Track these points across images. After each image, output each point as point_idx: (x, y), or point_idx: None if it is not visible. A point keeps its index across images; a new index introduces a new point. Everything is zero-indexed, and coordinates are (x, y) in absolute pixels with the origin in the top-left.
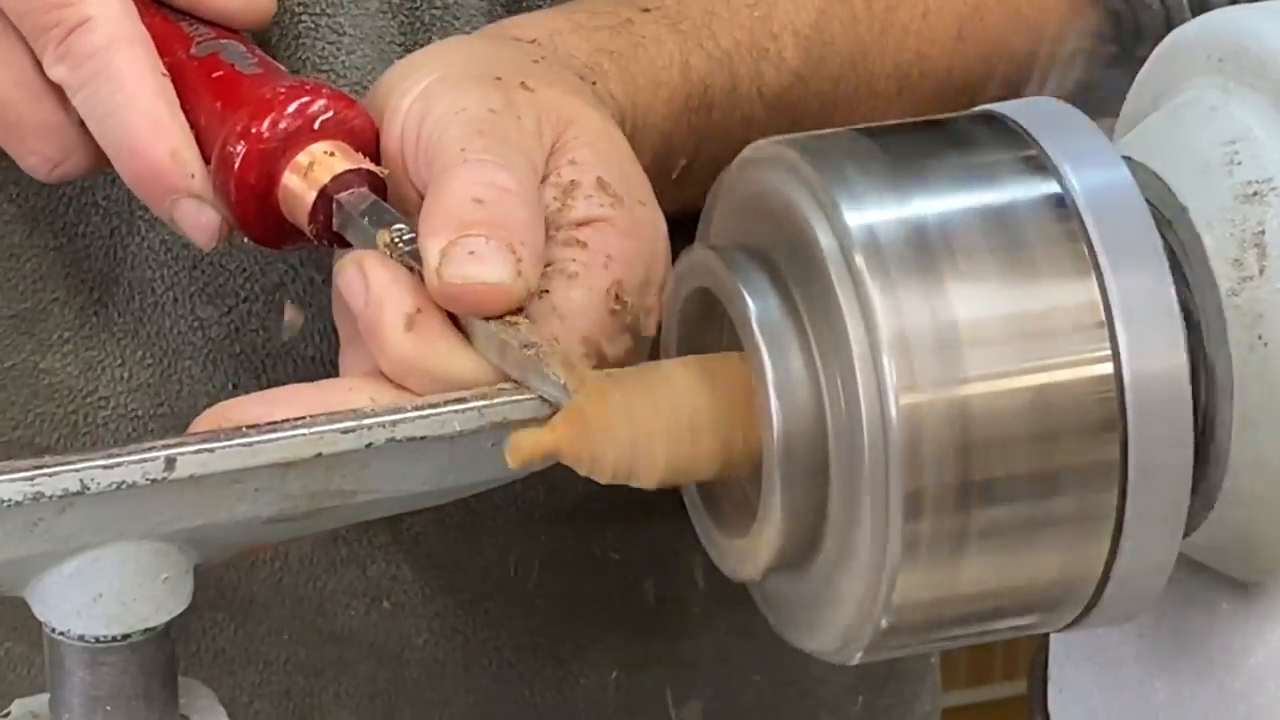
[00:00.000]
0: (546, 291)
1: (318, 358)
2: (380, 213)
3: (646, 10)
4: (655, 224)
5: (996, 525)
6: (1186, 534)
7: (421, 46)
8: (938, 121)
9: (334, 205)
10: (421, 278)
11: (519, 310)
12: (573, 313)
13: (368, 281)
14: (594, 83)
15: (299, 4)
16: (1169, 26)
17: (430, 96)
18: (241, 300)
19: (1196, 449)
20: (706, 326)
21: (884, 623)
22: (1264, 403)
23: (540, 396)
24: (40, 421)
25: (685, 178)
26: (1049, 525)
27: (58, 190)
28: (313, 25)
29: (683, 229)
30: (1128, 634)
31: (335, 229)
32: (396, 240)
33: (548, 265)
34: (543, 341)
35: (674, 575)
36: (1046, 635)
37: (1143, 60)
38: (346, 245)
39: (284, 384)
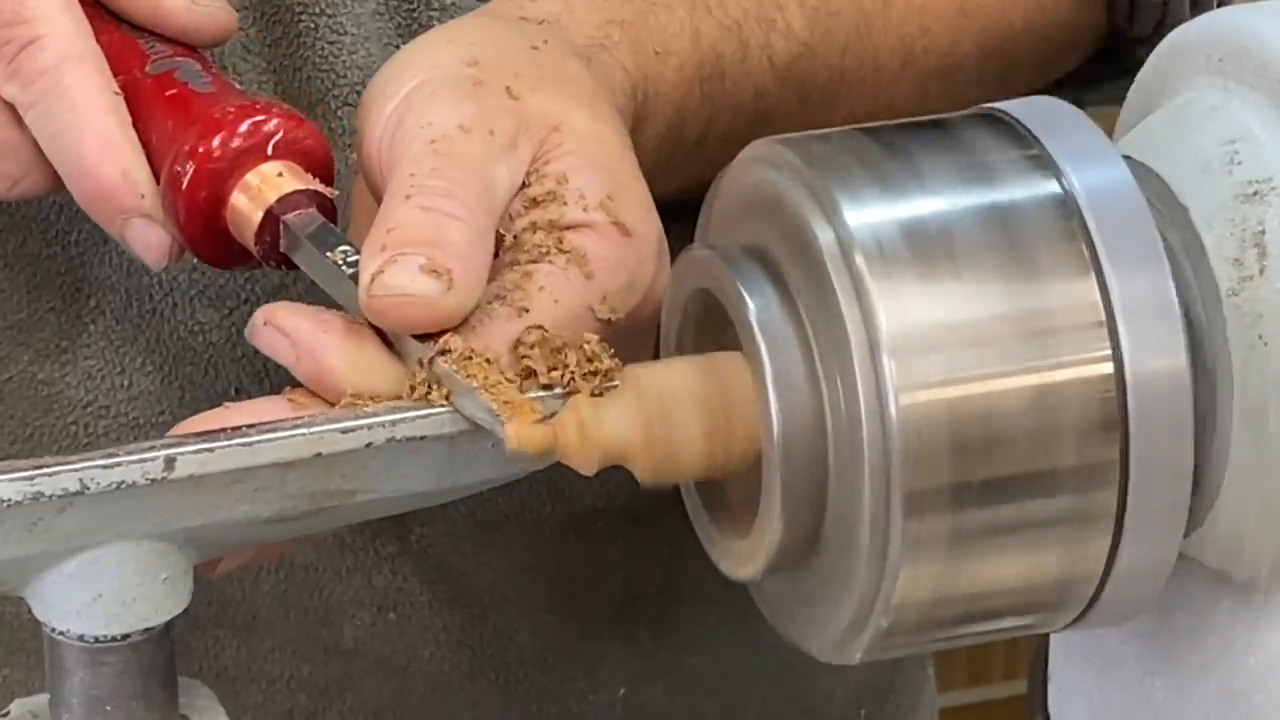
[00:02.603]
0: (509, 302)
1: None
2: (326, 235)
3: None
4: (644, 227)
5: (996, 525)
6: (1186, 534)
7: None
8: (938, 120)
9: (281, 226)
10: (339, 311)
11: (459, 328)
12: (549, 318)
13: (290, 336)
14: (604, 59)
15: (298, 4)
16: (1165, 6)
17: (408, 104)
18: (242, 302)
19: (1196, 449)
20: (706, 326)
21: (884, 622)
22: (1264, 403)
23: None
24: (40, 434)
25: (700, 148)
26: (1049, 525)
27: (48, 198)
28: (312, 25)
29: (671, 219)
30: (1128, 634)
31: (282, 250)
32: (341, 263)
33: (527, 267)
34: (474, 362)
35: (680, 589)
36: (1046, 635)
37: (1136, 40)
38: (293, 267)
39: (287, 386)
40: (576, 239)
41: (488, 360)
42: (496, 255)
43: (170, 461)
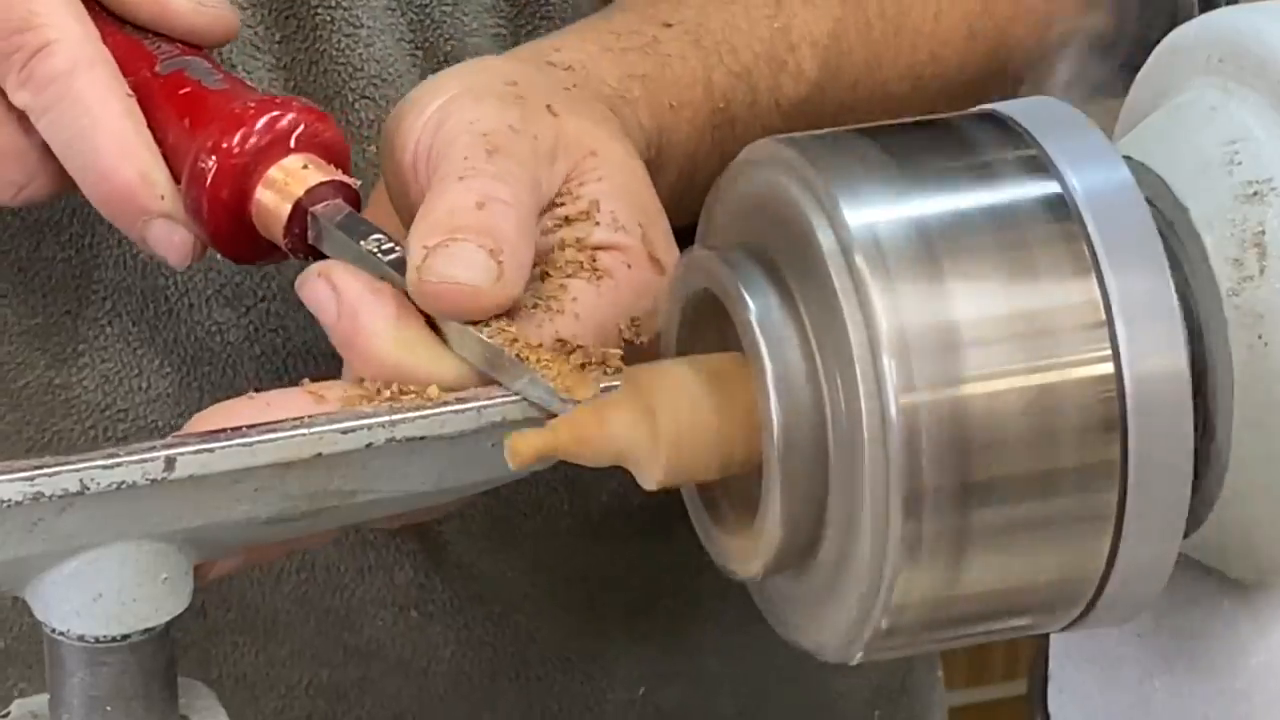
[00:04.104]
0: (541, 307)
1: (338, 354)
2: (356, 224)
3: (669, 25)
4: (669, 257)
5: (996, 525)
6: (1186, 534)
7: (431, 43)
8: (938, 121)
9: (309, 218)
10: (395, 287)
11: (502, 316)
12: (580, 329)
13: (339, 293)
14: (623, 111)
15: None
16: (1175, 7)
17: (449, 108)
18: (259, 300)
19: (1196, 449)
20: (706, 326)
21: (884, 623)
22: (1264, 403)
23: (528, 401)
24: (58, 440)
25: (707, 189)
26: (1049, 525)
27: (62, 200)
28: (329, 19)
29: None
30: (1128, 634)
31: (310, 242)
32: (375, 251)
33: (558, 282)
34: (527, 347)
35: (697, 589)
36: (1046, 635)
37: (1147, 43)
38: (322, 258)
39: (306, 380)
40: (609, 260)
41: (536, 348)
42: None
43: (170, 461)
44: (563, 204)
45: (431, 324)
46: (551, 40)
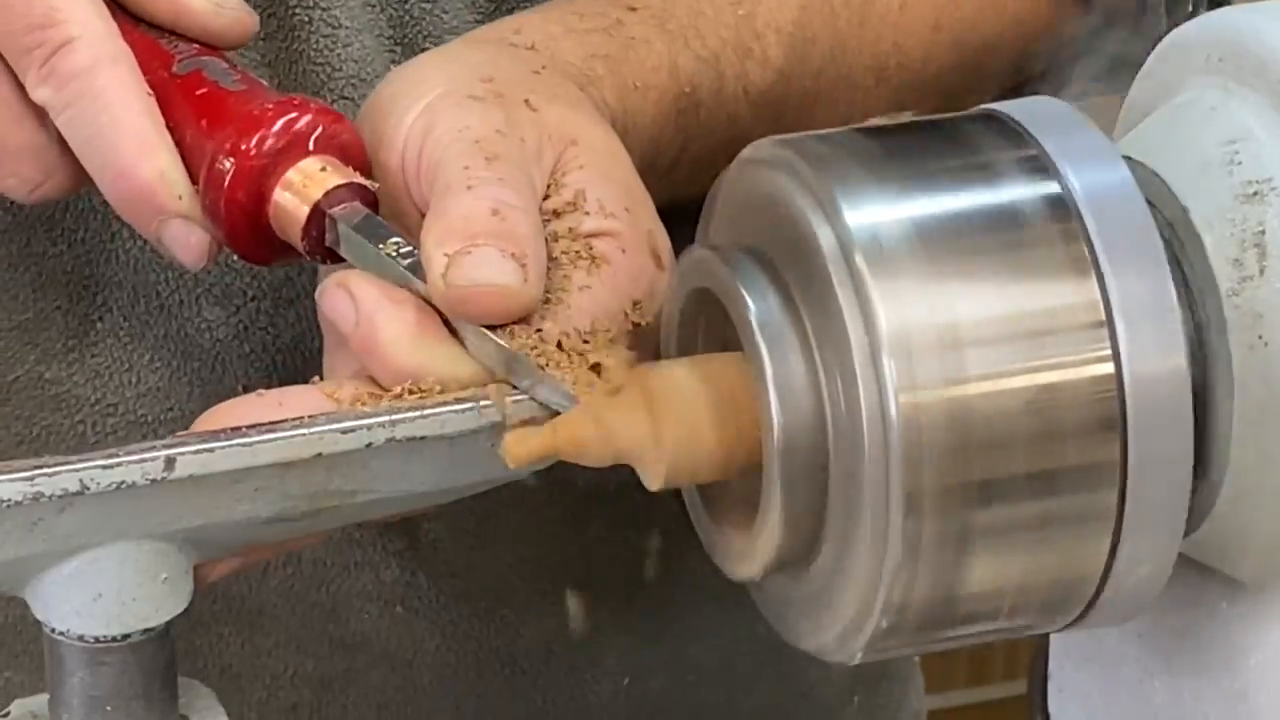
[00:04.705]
0: (552, 301)
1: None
2: (375, 227)
3: (633, 9)
4: (659, 239)
5: (996, 525)
6: (1186, 534)
7: (409, 39)
8: (938, 121)
9: (327, 220)
10: (412, 292)
11: (520, 320)
12: (591, 318)
13: (356, 301)
14: (589, 91)
15: None
16: (1142, 5)
17: (433, 113)
18: (249, 299)
19: (1196, 449)
20: (706, 326)
21: (884, 623)
22: (1264, 403)
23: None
24: (48, 434)
25: (672, 173)
26: (1049, 525)
27: None
28: (307, 18)
29: (671, 220)
30: (1128, 634)
31: (328, 244)
32: (394, 254)
33: (560, 273)
34: (544, 348)
35: (680, 579)
36: (1046, 635)
37: (1117, 36)
38: (339, 260)
39: (295, 382)
40: (603, 246)
41: (557, 351)
42: None
43: (170, 461)
44: (549, 196)
45: (449, 330)
46: (511, 22)
